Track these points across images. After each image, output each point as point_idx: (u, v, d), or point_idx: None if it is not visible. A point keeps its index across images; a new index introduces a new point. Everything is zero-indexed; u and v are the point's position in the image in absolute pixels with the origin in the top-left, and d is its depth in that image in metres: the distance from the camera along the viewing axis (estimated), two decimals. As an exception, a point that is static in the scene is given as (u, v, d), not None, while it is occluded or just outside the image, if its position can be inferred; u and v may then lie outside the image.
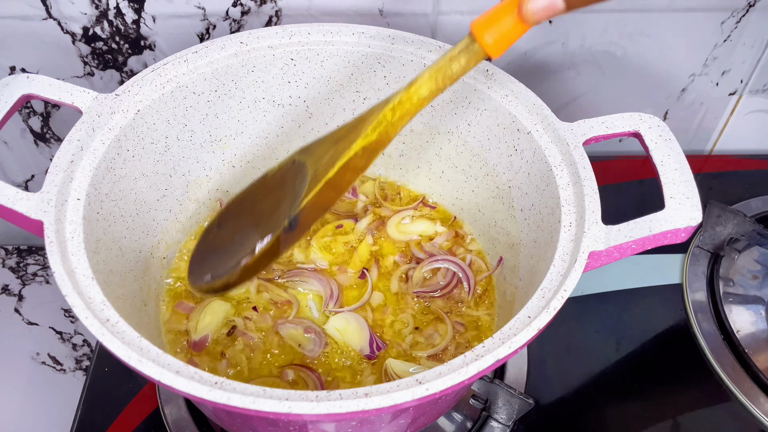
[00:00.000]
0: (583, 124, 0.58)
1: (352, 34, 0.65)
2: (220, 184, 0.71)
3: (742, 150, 0.98)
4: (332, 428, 0.53)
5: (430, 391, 0.42)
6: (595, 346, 0.74)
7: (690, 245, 0.82)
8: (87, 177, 0.54)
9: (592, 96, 0.88)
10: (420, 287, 0.67)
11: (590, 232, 0.51)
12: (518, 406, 0.64)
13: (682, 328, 0.76)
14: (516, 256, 0.64)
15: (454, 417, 0.68)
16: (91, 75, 0.79)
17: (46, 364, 0.87)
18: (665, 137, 0.56)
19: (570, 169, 0.56)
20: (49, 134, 0.85)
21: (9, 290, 0.94)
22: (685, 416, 0.69)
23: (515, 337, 0.46)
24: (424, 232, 0.71)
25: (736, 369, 0.71)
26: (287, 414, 0.41)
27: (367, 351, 0.62)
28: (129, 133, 0.58)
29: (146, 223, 0.63)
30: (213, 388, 0.42)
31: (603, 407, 0.70)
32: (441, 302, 0.66)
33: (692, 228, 0.51)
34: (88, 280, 0.48)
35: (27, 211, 0.50)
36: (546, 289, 0.50)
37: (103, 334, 0.44)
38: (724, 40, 0.83)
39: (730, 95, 0.90)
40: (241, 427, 0.56)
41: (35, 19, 0.73)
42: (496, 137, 0.64)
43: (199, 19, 0.74)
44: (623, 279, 0.79)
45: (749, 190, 0.88)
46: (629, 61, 0.84)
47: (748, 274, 0.80)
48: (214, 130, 0.67)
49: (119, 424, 0.67)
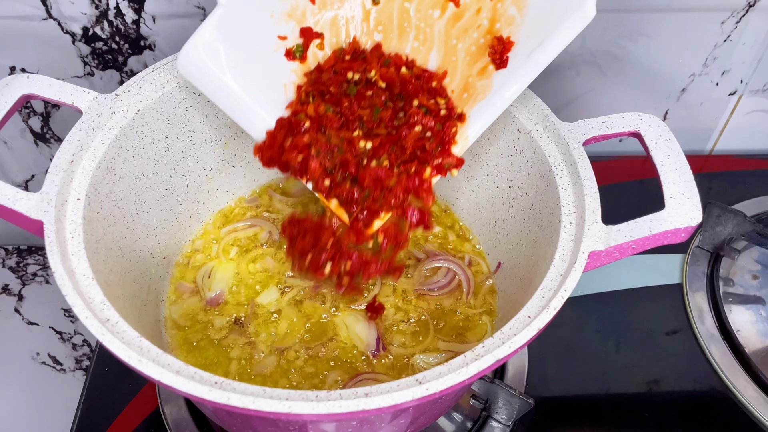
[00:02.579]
0: (583, 124, 0.58)
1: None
2: (220, 184, 0.71)
3: (742, 150, 0.98)
4: (332, 428, 0.53)
5: (430, 391, 0.42)
6: (595, 346, 0.74)
7: (690, 245, 0.82)
8: (87, 177, 0.54)
9: (592, 96, 0.88)
10: (420, 285, 0.67)
11: (590, 232, 0.51)
12: (518, 406, 0.64)
13: (682, 328, 0.76)
14: (516, 256, 0.64)
15: (454, 417, 0.68)
16: (91, 75, 0.79)
17: (46, 364, 0.88)
18: (665, 137, 0.56)
19: (570, 169, 0.56)
20: (49, 134, 0.85)
21: (9, 290, 0.94)
22: (685, 416, 0.69)
23: (515, 337, 0.46)
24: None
25: (736, 369, 0.71)
26: (287, 414, 0.41)
27: (372, 348, 0.62)
28: (129, 133, 0.58)
29: (146, 223, 0.63)
30: (213, 388, 0.42)
31: (603, 407, 0.70)
32: (446, 301, 0.66)
33: (692, 228, 0.51)
34: (88, 280, 0.48)
35: (27, 211, 0.50)
36: (546, 289, 0.50)
37: (103, 334, 0.44)
38: (724, 40, 0.83)
39: (730, 95, 0.90)
40: (241, 427, 0.56)
41: (35, 19, 0.73)
42: (495, 137, 0.64)
43: (199, 19, 0.74)
44: (623, 279, 0.79)
45: (749, 190, 0.88)
46: (629, 61, 0.84)
47: (748, 274, 0.80)
48: (214, 130, 0.67)
49: (119, 424, 0.67)
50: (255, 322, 0.64)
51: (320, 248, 0.58)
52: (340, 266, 0.57)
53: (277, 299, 0.65)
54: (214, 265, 0.68)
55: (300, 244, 0.59)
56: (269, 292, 0.66)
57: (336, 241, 0.58)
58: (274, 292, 0.66)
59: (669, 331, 0.76)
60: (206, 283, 0.67)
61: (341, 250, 0.57)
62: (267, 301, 0.65)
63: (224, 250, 0.69)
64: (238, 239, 0.70)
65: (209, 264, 0.68)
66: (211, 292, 0.66)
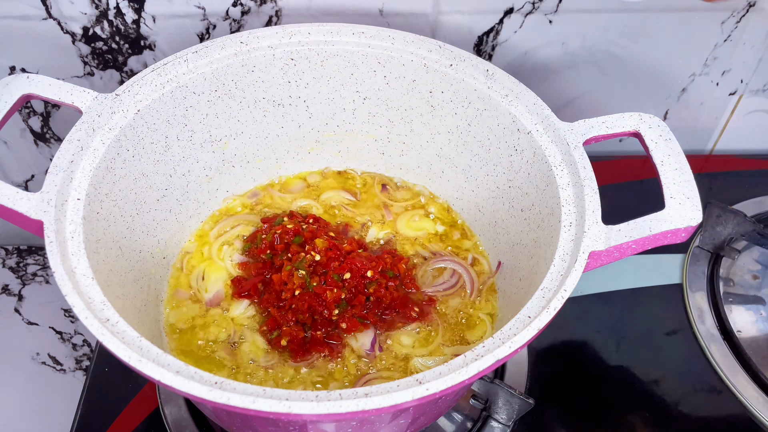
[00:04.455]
0: (583, 124, 0.58)
1: (352, 34, 0.65)
2: (220, 184, 0.71)
3: (742, 150, 0.98)
4: (332, 428, 0.53)
5: (430, 391, 0.42)
6: (595, 346, 0.74)
7: (690, 245, 0.82)
8: (87, 177, 0.54)
9: (592, 96, 0.88)
10: (426, 286, 0.67)
11: (590, 232, 0.51)
12: (518, 406, 0.64)
13: (682, 328, 0.76)
14: (516, 256, 0.64)
15: (454, 417, 0.68)
16: (91, 75, 0.79)
17: (46, 364, 0.87)
18: (665, 137, 0.56)
19: (570, 169, 0.56)
20: (49, 134, 0.85)
21: (9, 290, 0.94)
22: (684, 416, 0.69)
23: (515, 337, 0.46)
24: (430, 229, 0.72)
25: (736, 369, 0.71)
26: (287, 414, 0.41)
27: (367, 347, 0.62)
28: (129, 133, 0.58)
29: (146, 223, 0.63)
30: (213, 388, 0.42)
31: (603, 407, 0.70)
32: (452, 301, 0.66)
33: (692, 228, 0.51)
34: (88, 280, 0.48)
35: (27, 211, 0.50)
36: (546, 289, 0.50)
37: (103, 334, 0.44)
38: (724, 40, 0.83)
39: (730, 95, 0.90)
40: (241, 427, 0.56)
41: (35, 19, 0.73)
42: (496, 137, 0.64)
43: (199, 19, 0.74)
44: (623, 279, 0.79)
45: (749, 190, 0.88)
46: (629, 61, 0.84)
47: (748, 274, 0.80)
48: (214, 130, 0.67)
49: (119, 424, 0.67)
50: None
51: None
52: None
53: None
54: (206, 266, 0.68)
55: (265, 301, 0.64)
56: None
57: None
58: None
59: (669, 331, 0.76)
60: (201, 285, 0.66)
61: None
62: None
63: (218, 251, 0.69)
64: (229, 240, 0.70)
65: (201, 266, 0.68)
66: (208, 294, 0.66)
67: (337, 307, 0.61)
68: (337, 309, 0.62)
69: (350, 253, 0.65)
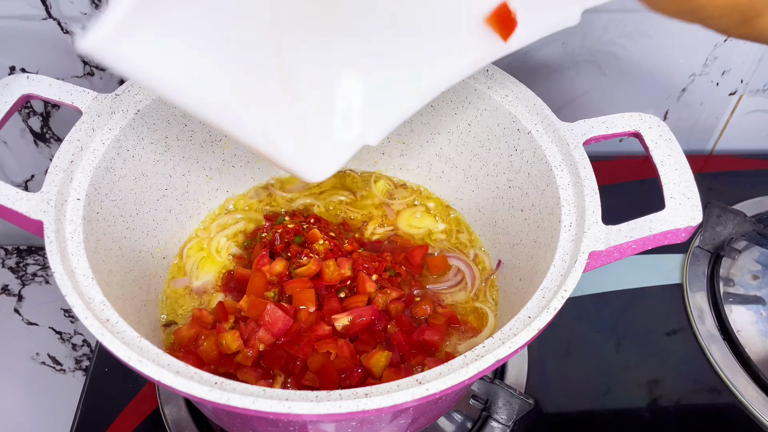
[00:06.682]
0: (583, 124, 0.58)
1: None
2: (220, 184, 0.71)
3: (742, 150, 0.98)
4: (332, 428, 0.53)
5: (430, 392, 0.42)
6: (595, 346, 0.74)
7: (690, 245, 0.82)
8: (87, 177, 0.54)
9: (592, 96, 0.88)
10: (431, 285, 0.67)
11: (590, 232, 0.51)
12: (518, 406, 0.64)
13: (683, 328, 0.76)
14: (516, 256, 0.64)
15: (454, 417, 0.68)
16: (91, 75, 0.79)
17: (46, 364, 0.87)
18: (665, 137, 0.56)
19: (570, 169, 0.56)
20: (49, 134, 0.85)
21: (9, 290, 0.94)
22: (685, 416, 0.69)
23: (515, 337, 0.46)
24: (431, 227, 0.72)
25: (736, 369, 0.71)
26: (287, 414, 0.41)
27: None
28: (129, 133, 0.58)
29: (146, 223, 0.63)
30: (213, 388, 0.42)
31: (603, 407, 0.70)
32: (458, 295, 0.66)
33: (692, 228, 0.52)
34: (87, 280, 0.48)
35: (27, 211, 0.50)
36: (546, 289, 0.50)
37: (103, 334, 0.44)
38: (725, 40, 0.83)
39: (730, 95, 0.90)
40: (241, 427, 0.56)
41: (35, 19, 0.73)
42: (496, 137, 0.64)
43: (199, 19, 0.74)
44: (623, 279, 0.79)
45: (749, 190, 0.88)
46: (629, 61, 0.84)
47: (748, 274, 0.80)
48: (214, 130, 0.67)
49: (119, 424, 0.67)
50: None
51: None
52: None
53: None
54: (203, 257, 0.68)
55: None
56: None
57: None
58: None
59: (669, 331, 0.76)
60: (195, 273, 0.67)
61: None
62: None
63: (217, 250, 0.69)
64: (229, 234, 0.70)
65: (199, 254, 0.68)
66: (198, 281, 0.66)
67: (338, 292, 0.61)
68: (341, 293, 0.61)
69: (351, 253, 0.64)
